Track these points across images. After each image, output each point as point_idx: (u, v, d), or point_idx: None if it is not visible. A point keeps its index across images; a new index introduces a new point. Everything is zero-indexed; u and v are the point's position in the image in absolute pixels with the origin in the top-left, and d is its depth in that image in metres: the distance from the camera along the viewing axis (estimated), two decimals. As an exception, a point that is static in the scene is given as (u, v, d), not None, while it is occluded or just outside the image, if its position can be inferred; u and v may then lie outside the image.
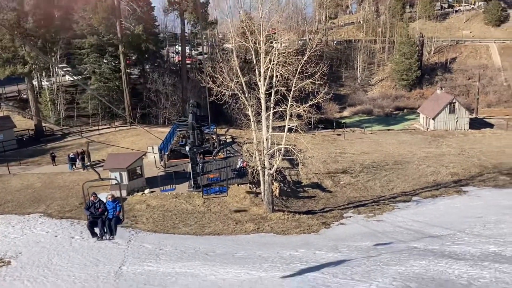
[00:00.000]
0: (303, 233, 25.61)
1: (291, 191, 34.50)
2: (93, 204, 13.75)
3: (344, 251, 19.48)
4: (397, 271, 14.31)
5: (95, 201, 13.78)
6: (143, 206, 29.96)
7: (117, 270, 17.92)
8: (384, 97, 77.97)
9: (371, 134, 56.70)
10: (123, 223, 27.18)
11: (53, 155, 39.14)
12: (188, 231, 26.10)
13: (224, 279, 15.77)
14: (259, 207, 29.67)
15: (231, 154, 39.99)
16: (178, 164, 37.24)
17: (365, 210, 31.12)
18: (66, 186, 33.58)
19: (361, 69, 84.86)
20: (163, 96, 55.41)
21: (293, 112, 26.85)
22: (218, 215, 28.62)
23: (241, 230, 26.01)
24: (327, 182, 37.18)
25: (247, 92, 27.94)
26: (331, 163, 41.94)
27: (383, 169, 41.38)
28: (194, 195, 31.06)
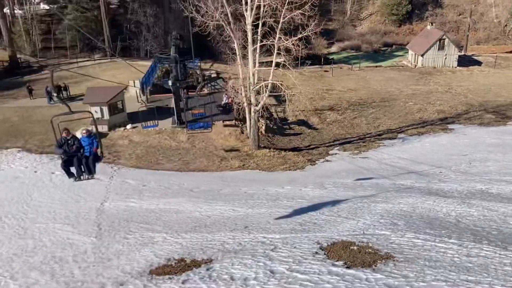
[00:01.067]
0: (288, 170, 25.41)
1: (277, 128, 34.01)
2: (66, 141, 12.14)
3: (330, 188, 19.30)
4: (384, 209, 14.13)
5: (68, 138, 12.18)
6: (125, 141, 29.25)
7: (99, 207, 17.51)
8: (373, 32, 75.98)
9: (359, 70, 55.70)
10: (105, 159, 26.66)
11: (30, 88, 37.59)
12: (172, 167, 25.67)
13: (209, 216, 15.49)
14: (245, 143, 29.22)
15: (216, 89, 38.91)
16: (161, 99, 36.15)
17: (351, 147, 30.96)
18: (45, 121, 32.27)
19: (350, 2, 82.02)
20: (144, 28, 52.93)
21: (281, 46, 25.68)
22: (203, 151, 28.15)
23: (226, 166, 25.68)
24: (314, 119, 36.70)
25: (233, 23, 26.50)
26: (318, 100, 41.29)
27: (369, 106, 40.97)
28: (178, 131, 30.36)
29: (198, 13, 25.92)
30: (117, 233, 14.12)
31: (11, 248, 13.22)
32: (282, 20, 25.13)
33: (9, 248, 13.24)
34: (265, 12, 25.60)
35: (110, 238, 13.69)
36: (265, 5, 25.21)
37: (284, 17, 25.09)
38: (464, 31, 70.11)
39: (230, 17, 26.06)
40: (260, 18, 25.88)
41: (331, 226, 12.45)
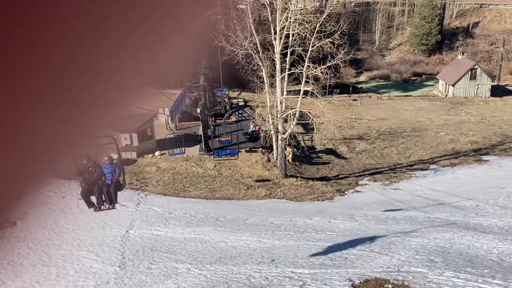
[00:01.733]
0: (316, 200, 24.76)
1: (304, 157, 33.52)
2: (87, 168, 11.65)
3: (361, 220, 18.58)
4: (420, 244, 13.37)
5: (89, 164, 11.68)
6: (153, 168, 29.26)
7: (124, 234, 17.28)
8: (402, 62, 75.43)
9: (388, 100, 55.03)
10: (132, 186, 26.70)
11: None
12: (199, 195, 25.40)
13: (234, 247, 15.01)
14: (271, 172, 28.80)
15: (243, 117, 38.89)
16: (190, 126, 36.30)
17: (381, 178, 30.11)
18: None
19: (379, 32, 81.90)
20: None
21: (310, 74, 25.51)
22: (229, 179, 27.85)
23: (252, 195, 25.23)
24: (342, 148, 36.06)
25: (261, 52, 26.58)
26: (346, 129, 40.70)
27: (400, 136, 40.07)
28: (205, 158, 30.24)
29: (228, 42, 26.11)
30: (141, 262, 13.79)
31: (34, 276, 13.03)
32: (311, 49, 25.04)
33: (32, 275, 13.06)
34: (294, 41, 25.60)
35: (134, 267, 13.36)
36: (294, 34, 25.22)
37: (313, 46, 25.00)
38: (496, 61, 68.79)
39: (259, 45, 26.15)
40: (289, 47, 25.89)
41: (363, 261, 11.80)
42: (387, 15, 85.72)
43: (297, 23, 24.67)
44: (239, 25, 27.01)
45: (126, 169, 29.10)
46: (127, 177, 27.84)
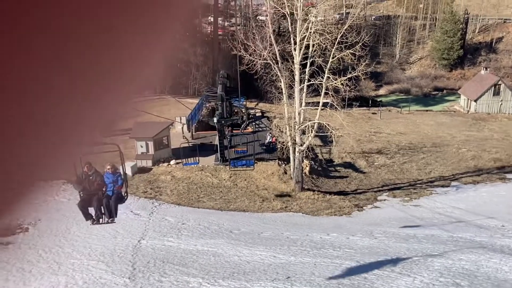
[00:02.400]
0: (334, 215, 24.09)
1: (322, 170, 32.86)
2: (87, 176, 10.49)
3: (381, 237, 17.87)
4: (444, 265, 12.65)
5: (90, 173, 10.50)
6: (168, 177, 28.96)
7: (135, 244, 16.89)
8: (423, 76, 74.34)
9: (408, 114, 54.02)
10: (146, 195, 26.41)
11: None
12: (213, 206, 24.96)
13: (248, 262, 14.47)
14: (288, 184, 28.22)
15: (260, 128, 38.46)
16: (206, 136, 36.00)
17: (401, 194, 29.30)
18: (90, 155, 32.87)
19: (399, 46, 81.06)
20: (193, 67, 54.04)
21: (329, 86, 24.98)
22: (245, 190, 27.35)
23: (267, 208, 24.68)
24: (361, 162, 35.29)
25: (280, 62, 26.18)
26: (365, 143, 39.91)
27: (420, 151, 39.11)
28: (221, 169, 29.83)
29: (246, 51, 25.81)
30: (152, 274, 13.34)
31: (42, 284, 12.69)
32: (331, 60, 24.57)
33: (40, 284, 12.72)
34: (314, 52, 25.17)
35: (144, 280, 12.91)
36: (314, 45, 24.79)
37: (333, 57, 24.53)
38: (520, 76, 67.29)
39: (278, 56, 25.78)
40: (309, 58, 25.45)
41: (383, 282, 11.15)
42: (408, 28, 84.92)
43: (317, 33, 24.24)
44: (258, 35, 26.72)
45: (141, 177, 28.91)
46: (141, 186, 27.69)
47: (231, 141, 32.94)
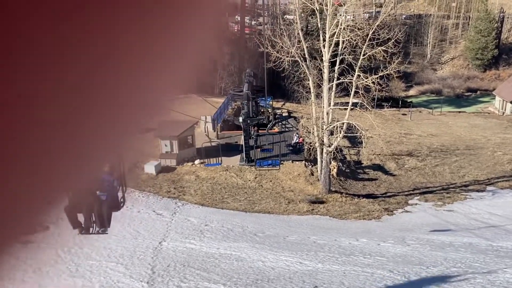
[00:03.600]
0: (362, 219, 23.07)
1: (350, 172, 31.80)
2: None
3: (414, 244, 16.81)
4: (487, 279, 11.58)
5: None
6: (192, 177, 28.45)
7: (156, 246, 16.33)
8: (455, 77, 71.92)
9: (440, 115, 52.28)
10: (170, 194, 25.95)
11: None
12: (237, 207, 24.26)
13: (273, 268, 13.69)
14: (314, 186, 27.30)
15: (287, 128, 37.61)
16: (231, 135, 35.40)
17: (433, 198, 27.99)
18: (116, 152, 32.69)
19: (431, 46, 78.73)
20: (219, 66, 53.56)
21: (360, 85, 23.94)
22: (270, 192, 26.57)
23: (294, 210, 23.83)
24: (390, 165, 34.04)
25: (309, 60, 25.28)
26: (395, 144, 38.59)
27: (453, 153, 37.53)
28: (246, 169, 29.13)
29: (274, 48, 25.05)
30: (171, 279, 12.72)
31: (58, 287, 12.21)
32: (362, 57, 23.55)
33: (56, 286, 12.25)
34: (343, 49, 24.19)
35: (163, 285, 12.30)
36: (344, 41, 23.82)
37: (364, 54, 23.50)
38: (560, 77, 64.26)
39: (306, 53, 24.90)
40: (338, 55, 24.49)
41: (421, 296, 10.20)
42: (440, 28, 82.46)
43: (348, 29, 23.26)
44: (286, 32, 25.93)
45: (165, 176, 28.47)
46: (165, 185, 27.22)
47: (257, 141, 32.25)
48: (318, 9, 24.59)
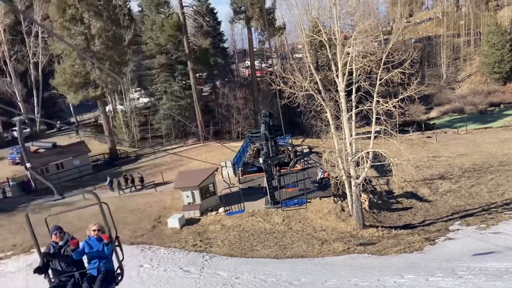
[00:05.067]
0: (404, 252, 21.39)
1: (382, 203, 30.20)
2: (58, 249, 7.09)
3: (466, 276, 15.12)
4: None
5: (60, 243, 7.14)
6: (217, 227, 27.32)
7: (185, 307, 15.08)
8: (475, 93, 70.22)
9: (466, 134, 50.46)
10: (196, 248, 24.73)
11: (126, 177, 38.03)
12: (268, 254, 22.90)
13: (314, 320, 12.26)
14: (347, 223, 25.79)
15: (310, 165, 36.47)
16: (253, 179, 34.38)
17: (475, 221, 26.14)
18: (138, 209, 31.94)
19: (445, 65, 77.65)
20: (235, 110, 53.38)
21: (380, 110, 22.87)
22: (301, 234, 25.17)
23: (328, 251, 22.32)
24: (424, 190, 32.32)
25: (323, 92, 24.45)
26: (424, 169, 36.88)
27: (487, 171, 35.57)
28: (272, 212, 27.90)
29: (286, 84, 24.38)
30: None
31: None
32: (378, 82, 22.61)
33: None
34: (358, 76, 23.34)
35: None
36: (357, 69, 22.98)
37: (381, 79, 22.57)
38: None
39: (320, 85, 24.12)
40: (353, 83, 23.62)
41: None
42: (452, 47, 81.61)
43: (360, 56, 22.48)
44: (296, 66, 25.34)
45: (189, 229, 27.34)
46: (190, 239, 26.03)
47: (280, 181, 31.19)
48: (326, 40, 23.99)
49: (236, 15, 53.96)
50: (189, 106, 53.58)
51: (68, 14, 39.01)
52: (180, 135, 53.81)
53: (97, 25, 39.89)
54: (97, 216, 21.24)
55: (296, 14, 24.44)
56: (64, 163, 41.11)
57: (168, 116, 52.07)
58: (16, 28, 53.65)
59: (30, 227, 6.50)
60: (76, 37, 40.03)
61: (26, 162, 35.74)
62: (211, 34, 54.40)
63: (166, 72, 53.20)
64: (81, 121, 60.37)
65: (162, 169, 40.90)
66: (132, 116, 53.22)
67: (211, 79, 61.93)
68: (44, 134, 55.69)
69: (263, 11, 47.24)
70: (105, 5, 41.37)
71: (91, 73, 41.04)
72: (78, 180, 40.38)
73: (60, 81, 41.47)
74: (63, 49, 40.41)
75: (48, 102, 60.23)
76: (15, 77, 52.35)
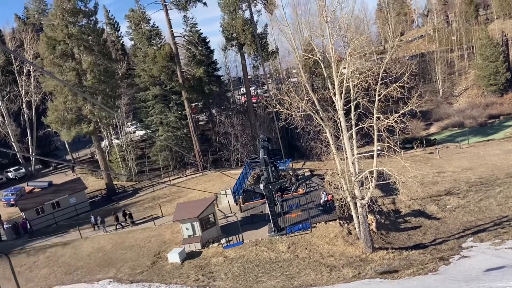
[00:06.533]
0: (417, 274, 20.21)
1: (389, 223, 29.01)
2: None
3: (490, 298, 14.00)
4: None
5: None
6: (220, 259, 26.07)
7: None
8: (473, 106, 69.85)
9: (469, 147, 49.55)
10: (198, 283, 23.47)
11: (125, 212, 36.84)
12: (275, 285, 21.65)
13: None
14: (355, 246, 24.59)
15: (312, 188, 35.39)
16: (255, 206, 33.26)
17: (488, 236, 25.03)
18: (137, 245, 30.70)
19: (441, 81, 77.51)
20: (232, 138, 52.61)
21: (381, 127, 22.02)
22: (308, 261, 23.93)
23: (338, 278, 21.10)
24: (431, 208, 31.19)
25: (321, 111, 23.63)
26: (430, 185, 35.79)
27: (494, 184, 34.53)
28: (277, 240, 26.70)
29: (282, 106, 23.62)
30: None
31: None
32: (378, 98, 21.84)
33: None
34: (356, 93, 22.57)
35: None
36: (355, 85, 22.24)
37: (380, 94, 21.81)
38: None
39: (317, 105, 23.33)
40: (351, 100, 22.84)
41: None
42: (446, 62, 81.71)
43: (357, 72, 21.78)
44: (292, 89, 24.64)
45: (191, 263, 26.11)
46: (192, 273, 24.68)
47: (283, 206, 30.10)
48: (321, 59, 23.37)
49: (228, 42, 53.78)
50: (185, 136, 52.89)
51: (58, 50, 38.61)
52: (178, 166, 52.91)
53: (88, 59, 39.42)
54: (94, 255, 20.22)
55: (287, 33, 23.85)
56: (60, 201, 40.00)
57: (165, 147, 51.31)
58: (7, 68, 53.43)
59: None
60: (67, 72, 39.52)
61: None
62: (204, 63, 54.19)
63: (161, 103, 52.74)
64: (77, 158, 59.46)
65: (161, 202, 39.77)
66: (129, 149, 52.44)
67: (207, 108, 61.44)
68: (40, 174, 54.76)
69: (255, 36, 46.96)
70: (95, 40, 41.01)
71: (83, 108, 40.36)
72: (75, 218, 39.19)
73: (52, 119, 40.75)
74: (55, 86, 39.85)
75: (43, 141, 59.62)
76: (8, 117, 51.73)
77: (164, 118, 52.61)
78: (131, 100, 56.82)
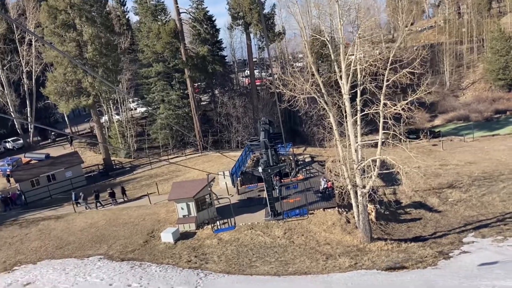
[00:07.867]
0: (416, 268, 19.59)
1: (390, 214, 28.35)
2: None
3: (493, 296, 13.35)
4: None
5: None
6: (214, 241, 25.49)
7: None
8: (480, 100, 68.68)
9: (473, 141, 48.66)
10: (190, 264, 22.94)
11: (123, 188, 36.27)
12: (268, 271, 21.06)
13: None
14: (353, 235, 23.97)
15: (312, 174, 34.68)
16: (253, 189, 32.63)
17: (490, 232, 24.40)
18: (131, 222, 30.14)
19: (448, 73, 76.17)
20: (234, 119, 51.75)
21: (387, 114, 21.16)
22: (303, 248, 23.33)
23: (334, 267, 20.49)
24: (433, 200, 30.51)
25: (326, 94, 22.73)
26: (432, 177, 35.05)
27: (498, 180, 33.80)
28: (273, 225, 26.07)
29: (286, 87, 22.73)
30: None
31: None
32: (386, 84, 20.93)
33: None
34: (363, 78, 21.67)
35: None
36: (362, 69, 21.33)
37: (388, 80, 20.89)
38: None
39: (322, 88, 22.43)
40: (358, 85, 21.94)
41: None
42: (455, 54, 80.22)
43: (366, 56, 20.84)
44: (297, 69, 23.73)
45: (184, 243, 25.56)
46: (185, 254, 24.04)
47: (281, 191, 29.44)
48: (329, 40, 22.42)
49: (234, 20, 52.58)
50: (187, 115, 52.01)
51: (59, 19, 37.54)
52: (177, 145, 52.18)
53: (89, 31, 38.36)
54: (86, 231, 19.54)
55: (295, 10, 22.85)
56: (56, 174, 39.41)
57: (166, 125, 50.52)
58: (9, 37, 52.34)
59: None
60: (68, 43, 38.52)
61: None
62: (209, 41, 53.03)
63: (163, 80, 51.75)
64: (76, 131, 58.74)
65: (158, 180, 39.17)
66: (129, 126, 51.65)
67: (210, 88, 60.42)
68: (38, 146, 54.14)
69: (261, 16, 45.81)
70: (98, 11, 39.92)
71: (83, 81, 39.45)
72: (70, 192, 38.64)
73: (51, 90, 39.87)
74: (55, 57, 38.87)
75: (43, 113, 58.81)
76: (7, 87, 50.86)
77: (166, 96, 51.69)
78: (134, 76, 55.82)
